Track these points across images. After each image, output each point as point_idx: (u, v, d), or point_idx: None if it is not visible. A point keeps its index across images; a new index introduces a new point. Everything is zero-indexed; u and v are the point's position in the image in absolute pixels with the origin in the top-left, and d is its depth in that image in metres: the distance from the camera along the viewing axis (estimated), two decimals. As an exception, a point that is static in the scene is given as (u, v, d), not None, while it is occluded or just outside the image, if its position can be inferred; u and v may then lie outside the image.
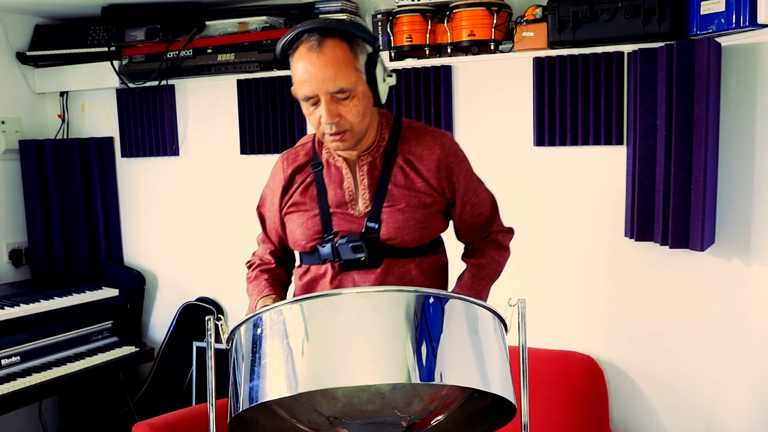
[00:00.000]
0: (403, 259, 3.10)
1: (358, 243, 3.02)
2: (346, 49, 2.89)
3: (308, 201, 3.16)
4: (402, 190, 3.09)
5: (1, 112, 6.07)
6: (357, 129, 2.96)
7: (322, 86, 2.85)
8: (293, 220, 3.19)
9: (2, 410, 4.83)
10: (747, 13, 3.85)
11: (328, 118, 2.88)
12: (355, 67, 2.90)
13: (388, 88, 3.09)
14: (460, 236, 3.38)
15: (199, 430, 5.02)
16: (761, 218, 4.05)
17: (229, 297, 6.05)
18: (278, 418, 2.85)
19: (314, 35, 2.88)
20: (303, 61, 2.88)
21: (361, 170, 3.11)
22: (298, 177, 3.21)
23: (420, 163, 3.11)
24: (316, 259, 3.14)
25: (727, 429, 4.39)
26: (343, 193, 3.11)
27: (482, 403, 2.87)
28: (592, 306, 4.87)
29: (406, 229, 3.06)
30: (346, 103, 2.90)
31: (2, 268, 6.13)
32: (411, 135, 3.16)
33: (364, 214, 3.09)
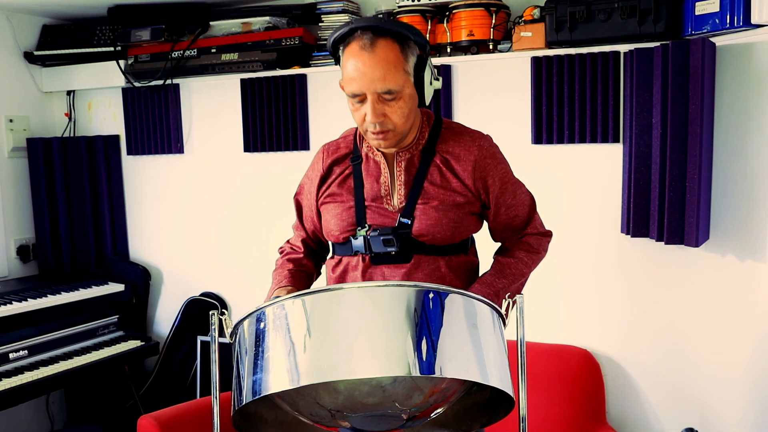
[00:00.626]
0: (433, 256, 3.10)
1: (389, 237, 3.02)
2: (398, 50, 2.89)
3: (345, 192, 3.16)
4: (437, 189, 3.09)
5: (9, 111, 6.08)
6: (400, 129, 2.97)
7: (371, 86, 2.86)
8: (329, 211, 3.19)
9: (10, 403, 4.85)
10: (741, 13, 3.86)
11: (373, 118, 2.89)
12: (404, 68, 2.90)
13: (433, 90, 3.11)
14: (494, 236, 3.37)
15: (203, 423, 5.03)
16: (755, 214, 4.06)
17: (232, 292, 6.06)
18: (281, 411, 2.85)
19: (368, 33, 2.88)
20: (354, 59, 2.88)
21: (399, 166, 3.11)
22: (336, 168, 3.21)
23: (457, 163, 3.11)
24: (348, 250, 3.14)
25: (721, 421, 4.40)
26: (380, 187, 3.11)
27: (481, 396, 2.87)
28: (588, 301, 4.88)
29: (438, 227, 3.06)
30: (392, 104, 2.90)
31: (10, 263, 6.14)
32: (450, 135, 3.17)
33: (398, 209, 3.09)
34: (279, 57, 5.47)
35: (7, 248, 6.11)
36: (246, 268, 5.87)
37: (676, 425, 4.68)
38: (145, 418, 4.87)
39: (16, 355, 5.10)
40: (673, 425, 4.70)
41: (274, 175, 5.64)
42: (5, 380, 4.84)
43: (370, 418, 2.54)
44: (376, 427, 2.61)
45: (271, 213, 5.62)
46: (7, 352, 5.04)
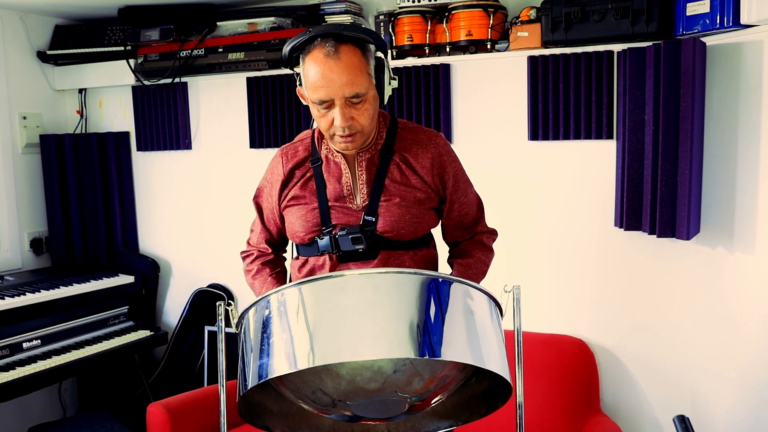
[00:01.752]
0: (398, 251, 3.11)
1: (357, 235, 3.03)
2: (360, 55, 2.90)
3: (308, 195, 3.16)
4: (398, 186, 3.11)
5: (22, 108, 6.09)
6: (367, 131, 2.99)
7: (339, 91, 2.85)
8: (293, 213, 3.19)
9: (24, 391, 4.85)
10: (731, 14, 3.86)
11: (342, 122, 2.88)
12: (367, 72, 2.92)
13: (392, 89, 3.11)
14: (446, 235, 3.40)
15: (210, 410, 5.05)
16: (744, 208, 4.06)
17: (239, 284, 6.06)
18: (285, 403, 2.87)
19: (329, 41, 2.87)
20: (319, 66, 2.87)
21: (360, 166, 3.12)
22: (297, 172, 3.21)
23: (415, 161, 3.13)
24: (314, 250, 3.14)
25: (711, 408, 4.41)
26: (342, 188, 3.12)
27: (479, 388, 2.88)
28: (583, 292, 4.89)
29: (401, 223, 3.08)
30: (359, 107, 2.91)
31: (24, 256, 6.15)
32: (407, 134, 3.18)
33: (361, 207, 3.10)
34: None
35: (21, 241, 6.12)
36: (252, 261, 5.88)
37: (667, 412, 4.69)
38: (155, 406, 4.89)
39: (30, 345, 5.11)
40: (665, 412, 4.71)
41: (279, 170, 5.64)
42: (19, 369, 4.86)
43: (371, 405, 2.55)
44: (378, 414, 2.62)
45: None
46: (20, 342, 5.06)
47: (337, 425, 2.98)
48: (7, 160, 5.96)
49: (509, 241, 3.53)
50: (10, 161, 5.99)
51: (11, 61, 5.98)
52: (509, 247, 3.57)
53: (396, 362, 2.44)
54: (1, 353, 4.94)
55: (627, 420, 4.82)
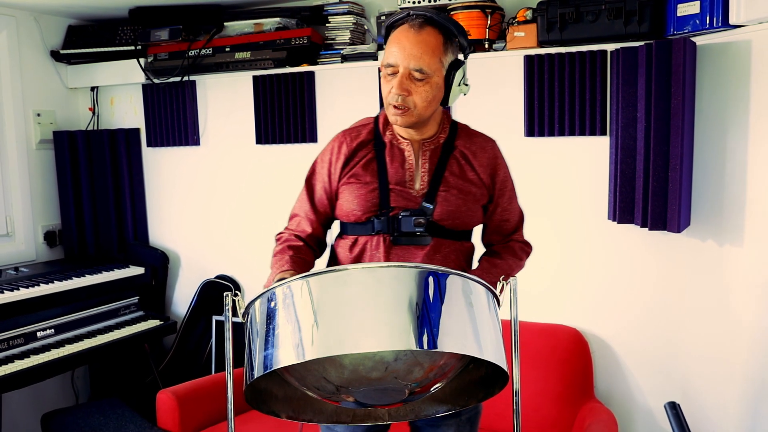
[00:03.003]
0: (448, 240, 3.12)
1: (420, 217, 3.02)
2: (441, 40, 2.95)
3: (369, 175, 3.14)
4: (456, 179, 3.12)
5: (37, 106, 6.09)
6: (419, 111, 2.99)
7: (405, 60, 2.91)
8: (351, 191, 3.16)
9: (38, 378, 4.87)
10: (720, 14, 3.88)
11: (398, 89, 2.93)
12: (440, 58, 2.95)
13: (460, 94, 3.12)
14: (484, 236, 3.40)
15: (217, 397, 5.06)
16: (733, 202, 4.07)
17: (245, 274, 6.07)
18: (290, 388, 2.86)
19: (419, 19, 2.95)
20: (399, 36, 2.95)
21: (424, 155, 3.14)
22: (360, 152, 3.19)
23: (474, 158, 3.16)
24: (367, 230, 3.12)
25: (702, 396, 4.41)
26: (404, 173, 3.12)
27: (477, 374, 2.88)
28: (578, 283, 4.89)
29: (457, 213, 3.09)
30: (418, 84, 2.94)
31: (38, 248, 6.16)
32: (465, 134, 3.23)
33: (420, 193, 3.10)
34: (289, 55, 5.48)
35: (35, 234, 6.13)
36: (258, 252, 5.86)
37: (659, 399, 4.69)
38: (164, 393, 4.91)
39: (44, 334, 5.12)
40: (657, 399, 4.72)
41: (284, 165, 5.64)
42: (33, 357, 4.87)
43: (373, 392, 2.56)
44: (380, 400, 2.63)
45: (281, 201, 5.60)
46: (35, 331, 5.07)
47: (340, 409, 2.99)
48: (22, 155, 5.97)
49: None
50: (25, 157, 6.00)
51: (26, 60, 5.98)
52: (506, 240, 3.59)
53: (397, 352, 2.44)
54: (16, 342, 4.94)
55: (620, 407, 4.82)
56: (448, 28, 2.98)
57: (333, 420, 3.01)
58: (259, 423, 4.68)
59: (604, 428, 4.30)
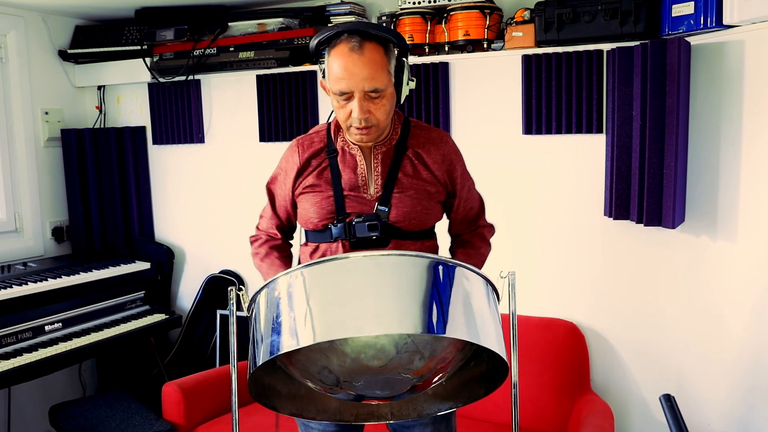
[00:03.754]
0: (407, 240, 3.11)
1: (374, 222, 3.01)
2: (382, 52, 2.92)
3: (323, 183, 3.15)
4: (410, 179, 3.11)
5: (45, 104, 6.10)
6: (382, 125, 3.00)
7: (359, 84, 2.87)
8: (307, 200, 3.17)
9: (46, 371, 4.88)
10: (714, 15, 3.88)
11: (360, 114, 2.90)
12: (387, 69, 2.93)
13: (409, 90, 3.11)
14: (451, 228, 3.41)
15: (222, 389, 5.08)
16: (726, 199, 4.07)
17: (249, 269, 6.01)
18: (294, 385, 2.88)
19: (355, 37, 2.90)
20: (343, 60, 2.89)
21: (376, 159, 3.12)
22: (313, 161, 3.19)
23: (427, 157, 3.14)
24: (326, 237, 3.12)
25: (696, 388, 4.42)
26: (357, 178, 3.11)
27: (478, 370, 2.89)
28: (575, 278, 4.90)
29: (412, 214, 3.08)
30: (376, 102, 2.92)
31: (46, 243, 6.17)
32: (419, 132, 3.20)
33: (375, 197, 3.10)
34: (291, 55, 5.48)
35: (43, 229, 6.14)
36: (261, 248, 5.90)
37: (654, 391, 4.70)
38: (169, 385, 4.92)
39: (52, 327, 5.13)
40: (652, 392, 4.72)
41: (287, 163, 5.65)
42: (41, 350, 4.87)
43: (375, 383, 2.56)
44: (382, 391, 2.63)
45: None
46: (43, 325, 5.08)
47: (343, 407, 3.00)
48: (30, 153, 5.98)
49: (505, 229, 3.55)
50: (33, 154, 6.01)
51: (34, 59, 5.99)
52: (505, 236, 3.58)
53: (398, 341, 2.46)
54: (25, 335, 4.96)
55: (616, 399, 4.83)
56: (384, 38, 2.95)
57: (336, 418, 3.01)
58: (263, 415, 4.68)
59: (601, 420, 4.30)
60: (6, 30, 5.75)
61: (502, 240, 3.53)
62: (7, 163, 5.87)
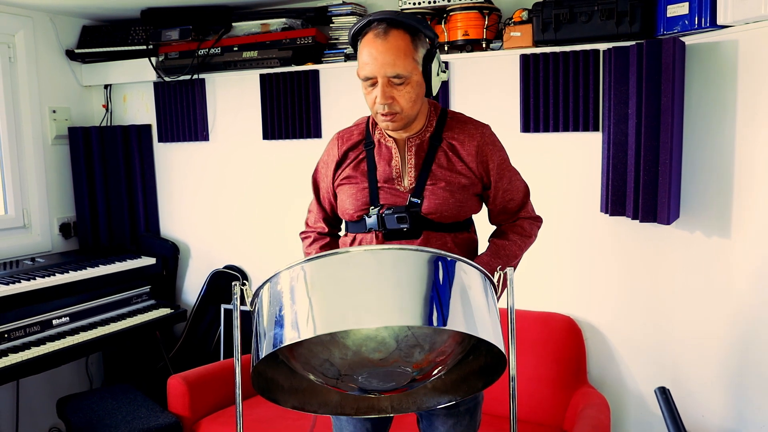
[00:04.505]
0: (440, 233, 3.10)
1: (402, 214, 3.01)
2: (408, 40, 2.91)
3: (359, 175, 3.16)
4: (444, 171, 3.10)
5: (52, 103, 6.10)
6: (407, 113, 2.98)
7: (381, 70, 2.87)
8: (344, 192, 3.19)
9: (54, 364, 4.89)
10: (708, 15, 3.89)
11: (381, 99, 2.90)
12: (413, 57, 2.92)
13: (440, 82, 3.11)
14: (491, 218, 3.37)
15: (225, 382, 5.08)
16: (720, 195, 4.07)
17: (253, 265, 6.08)
18: (296, 379, 2.87)
19: (382, 24, 2.91)
20: (369, 46, 2.90)
21: (410, 151, 3.12)
22: (351, 153, 3.20)
23: (462, 149, 3.12)
24: (362, 227, 3.13)
25: (690, 381, 4.42)
26: (391, 170, 3.12)
27: (476, 364, 2.88)
28: (572, 273, 4.90)
29: (445, 206, 3.07)
30: (400, 89, 2.91)
31: (53, 239, 6.17)
32: (455, 124, 3.18)
33: (408, 189, 3.09)
34: (294, 54, 5.48)
35: (51, 226, 6.14)
36: (265, 243, 5.90)
37: (649, 384, 4.70)
38: (175, 378, 4.94)
39: (59, 322, 5.13)
40: (647, 385, 4.72)
41: (290, 160, 5.65)
42: (49, 344, 4.88)
43: (376, 375, 2.56)
44: (383, 384, 2.63)
45: (286, 194, 5.66)
46: (51, 319, 5.08)
47: (344, 401, 2.99)
48: (38, 150, 5.99)
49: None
50: (41, 152, 6.01)
51: (42, 59, 5.99)
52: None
53: (398, 333, 2.45)
54: (33, 329, 4.96)
55: (612, 392, 4.83)
56: (411, 26, 2.94)
57: (337, 411, 3.01)
58: (267, 408, 4.69)
59: (597, 412, 4.30)
60: (14, 30, 5.75)
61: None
62: (16, 160, 5.87)
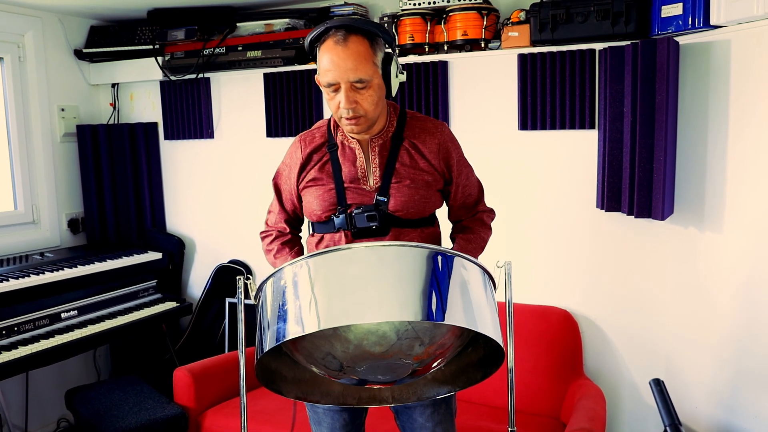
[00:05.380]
0: (407, 229, 3.11)
1: (372, 213, 3.03)
2: (367, 45, 2.92)
3: (325, 176, 3.16)
4: (408, 169, 3.11)
5: (61, 101, 6.10)
6: (370, 116, 2.99)
7: (344, 75, 2.88)
8: (310, 194, 3.19)
9: (63, 356, 4.90)
10: (701, 15, 3.89)
11: (346, 104, 2.91)
12: (373, 61, 2.93)
13: (399, 83, 3.12)
14: (451, 214, 3.39)
15: (230, 374, 5.09)
16: (713, 192, 4.07)
17: (257, 259, 6.07)
18: (299, 370, 2.88)
19: (341, 31, 2.92)
20: (329, 53, 2.91)
21: (373, 151, 3.12)
22: (315, 156, 3.20)
23: (423, 146, 3.13)
24: (330, 228, 3.13)
25: (683, 372, 4.42)
26: (356, 170, 3.12)
27: (475, 356, 2.90)
28: (568, 267, 4.90)
29: (411, 203, 3.08)
30: (362, 92, 2.93)
31: (62, 234, 6.17)
32: (415, 123, 3.19)
33: (374, 188, 3.10)
34: (297, 54, 5.49)
35: (60, 221, 6.15)
36: (268, 239, 5.91)
37: (644, 376, 4.70)
38: (180, 370, 4.94)
39: (68, 315, 5.14)
40: (642, 376, 4.73)
41: (293, 157, 5.66)
42: (58, 336, 4.89)
43: (377, 368, 2.57)
44: (384, 376, 2.64)
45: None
46: (59, 312, 5.10)
47: (346, 391, 3.00)
48: (47, 148, 5.99)
49: (501, 221, 3.55)
50: (50, 149, 6.02)
51: (51, 58, 6.00)
52: (501, 227, 3.58)
53: (399, 328, 2.46)
54: (42, 323, 4.97)
55: (607, 383, 4.83)
56: (369, 31, 2.96)
57: (339, 402, 3.02)
58: (270, 399, 4.68)
59: (593, 403, 4.30)
60: (24, 30, 5.76)
61: (499, 231, 3.53)
62: (25, 157, 5.88)
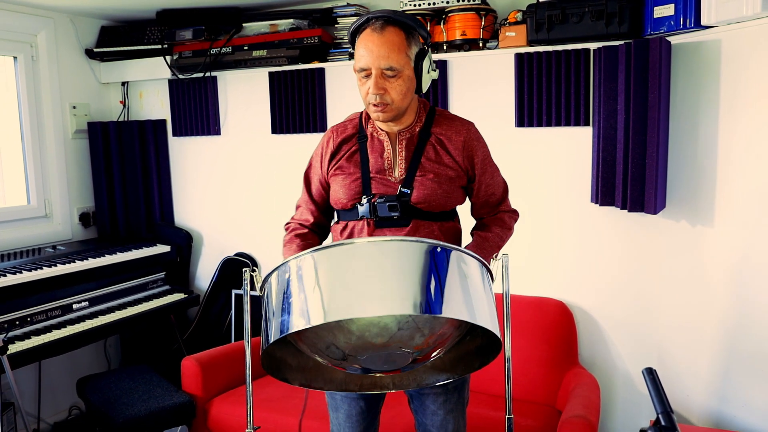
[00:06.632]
0: (428, 221, 3.12)
1: (393, 203, 3.03)
2: (403, 37, 2.96)
3: (352, 166, 3.17)
4: (432, 164, 3.11)
5: (72, 99, 6.10)
6: (397, 105, 3.01)
7: (375, 62, 2.92)
8: (338, 182, 3.20)
9: (74, 346, 4.92)
10: (693, 16, 3.89)
11: (374, 89, 2.94)
12: (406, 53, 2.96)
13: (430, 79, 3.13)
14: (473, 211, 3.39)
15: (236, 363, 5.09)
16: (704, 187, 4.07)
17: (262, 252, 6.08)
18: (303, 358, 2.87)
19: (380, 21, 2.96)
20: (365, 40, 2.96)
21: (401, 144, 3.13)
22: (345, 146, 3.22)
23: (449, 143, 3.14)
24: (354, 215, 3.14)
25: (675, 362, 4.42)
26: (383, 162, 3.13)
27: (473, 344, 2.89)
28: (564, 260, 4.90)
29: (433, 196, 3.08)
30: (392, 81, 2.95)
31: (73, 228, 6.17)
32: (443, 120, 3.20)
33: (399, 180, 3.11)
34: (301, 53, 5.49)
35: (71, 215, 6.15)
36: (273, 231, 5.86)
37: (637, 365, 4.71)
38: (188, 359, 4.94)
39: (79, 306, 5.15)
40: (635, 365, 4.73)
41: (297, 153, 5.61)
42: (70, 327, 4.90)
43: (378, 358, 2.56)
44: (385, 366, 2.64)
45: (294, 185, 5.61)
46: (71, 303, 5.10)
47: (348, 378, 3.00)
48: (59, 144, 6.00)
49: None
50: (62, 145, 6.03)
51: (63, 57, 6.00)
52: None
53: (400, 319, 2.45)
54: (54, 313, 4.98)
55: (602, 372, 4.83)
56: (407, 24, 2.99)
57: (342, 388, 3.02)
58: (275, 387, 4.70)
59: (588, 391, 4.31)
60: (36, 30, 5.76)
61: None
62: (38, 153, 5.88)
